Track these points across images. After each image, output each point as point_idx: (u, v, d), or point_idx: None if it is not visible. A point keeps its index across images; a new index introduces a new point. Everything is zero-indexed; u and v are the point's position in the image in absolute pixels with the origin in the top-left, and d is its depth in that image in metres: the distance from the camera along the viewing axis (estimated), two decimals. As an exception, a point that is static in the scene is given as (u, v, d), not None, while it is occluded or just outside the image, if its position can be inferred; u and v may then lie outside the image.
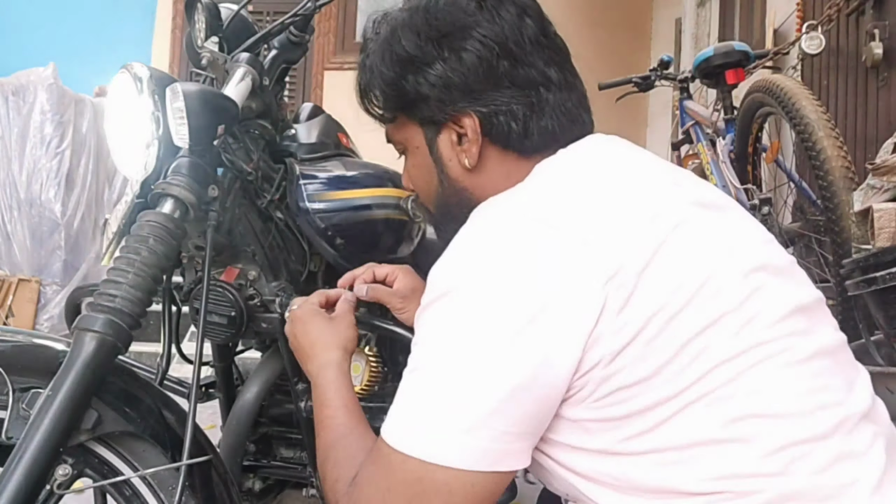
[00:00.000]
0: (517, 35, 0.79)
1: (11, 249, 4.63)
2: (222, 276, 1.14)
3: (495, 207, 0.72)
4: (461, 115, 0.80)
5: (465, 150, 0.81)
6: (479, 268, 0.68)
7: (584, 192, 0.71)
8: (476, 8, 0.79)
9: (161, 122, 0.99)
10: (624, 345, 0.65)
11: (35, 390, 0.85)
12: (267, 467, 1.32)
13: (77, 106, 4.89)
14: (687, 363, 0.65)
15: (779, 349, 0.67)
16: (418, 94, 0.80)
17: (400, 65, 0.81)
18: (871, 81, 2.72)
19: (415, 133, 0.85)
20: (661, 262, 0.66)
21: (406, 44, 0.80)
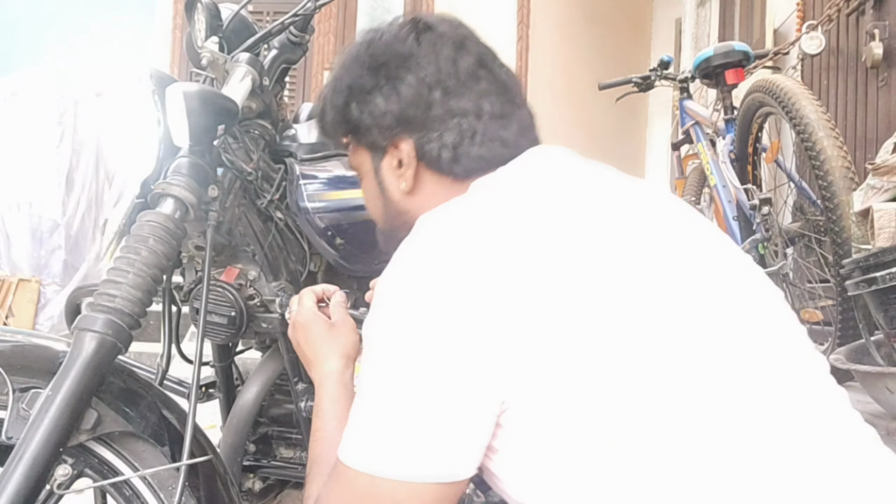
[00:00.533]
0: (451, 68, 0.84)
1: (11, 249, 4.63)
2: (222, 276, 1.14)
3: (434, 222, 0.74)
4: (399, 140, 0.85)
5: (402, 175, 0.86)
6: (415, 287, 0.70)
7: (511, 212, 0.73)
8: (414, 41, 0.85)
9: (161, 122, 0.99)
10: (549, 358, 0.66)
11: (35, 390, 0.85)
12: (267, 467, 1.32)
13: (77, 106, 4.88)
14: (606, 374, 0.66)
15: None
16: (362, 121, 0.87)
17: (346, 93, 0.88)
18: (871, 81, 2.72)
19: (364, 158, 0.91)
20: (577, 280, 0.68)
21: (351, 74, 0.88)
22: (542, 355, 0.66)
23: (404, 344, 0.69)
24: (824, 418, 0.70)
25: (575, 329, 0.66)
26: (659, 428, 0.65)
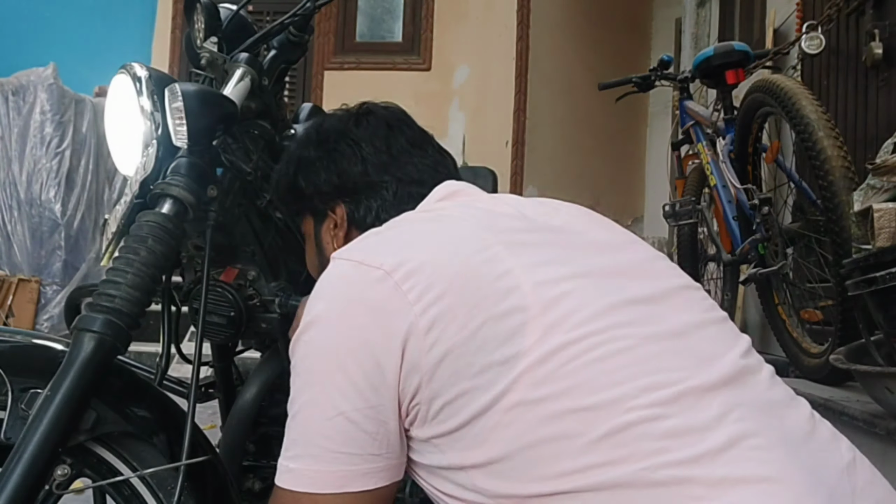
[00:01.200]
0: (384, 146, 0.97)
1: (11, 249, 4.63)
2: (222, 276, 1.14)
3: (341, 253, 0.82)
4: (335, 205, 0.97)
5: (335, 235, 0.97)
6: (323, 310, 0.77)
7: (404, 237, 0.82)
8: (354, 124, 0.99)
9: (160, 122, 0.99)
10: (436, 363, 0.72)
11: (34, 390, 0.85)
12: (267, 467, 1.32)
13: (77, 106, 4.89)
14: (496, 374, 0.70)
15: (592, 345, 0.71)
16: (306, 189, 0.99)
17: (295, 165, 1.01)
18: (871, 81, 2.72)
19: (309, 224, 1.02)
20: (464, 285, 0.73)
21: (301, 149, 1.01)
22: (426, 368, 0.72)
23: (313, 366, 0.76)
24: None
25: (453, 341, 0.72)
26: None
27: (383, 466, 0.75)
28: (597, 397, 0.68)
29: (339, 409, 0.73)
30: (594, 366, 0.70)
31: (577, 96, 5.54)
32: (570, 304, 0.73)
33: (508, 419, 0.69)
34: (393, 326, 0.73)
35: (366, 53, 5.79)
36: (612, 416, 0.67)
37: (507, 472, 0.70)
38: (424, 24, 5.72)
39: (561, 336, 0.71)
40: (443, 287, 0.73)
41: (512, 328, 0.71)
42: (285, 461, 0.76)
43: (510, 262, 0.75)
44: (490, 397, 0.70)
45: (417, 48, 5.74)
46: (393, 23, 5.89)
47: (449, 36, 5.65)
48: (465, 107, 5.62)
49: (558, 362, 0.69)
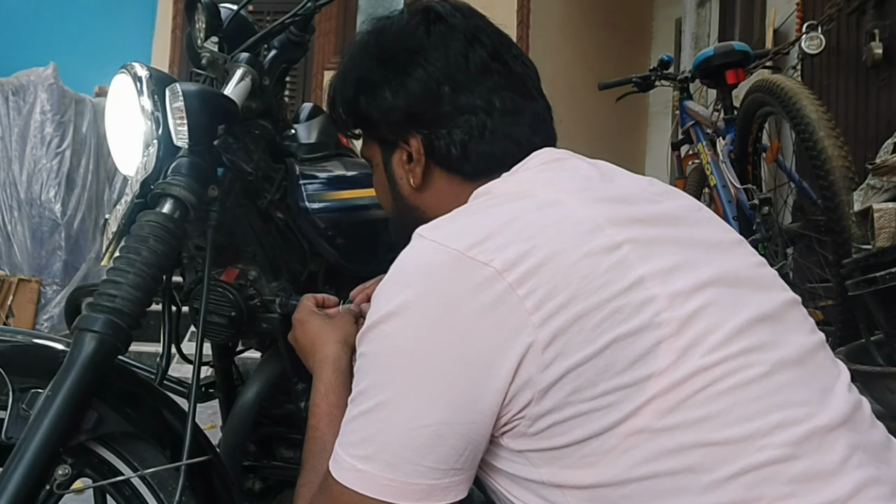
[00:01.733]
0: (462, 63, 0.81)
1: (11, 249, 4.63)
2: (222, 276, 1.14)
3: (431, 234, 0.71)
4: (408, 136, 0.83)
5: (411, 170, 0.84)
6: (411, 303, 0.68)
7: (516, 223, 0.69)
8: (424, 34, 0.83)
9: (161, 122, 0.99)
10: (553, 381, 0.64)
11: (35, 390, 0.84)
12: (267, 467, 1.32)
13: (77, 106, 4.89)
14: (622, 396, 0.63)
15: (726, 372, 0.65)
16: (370, 115, 0.86)
17: (354, 86, 0.87)
18: (872, 81, 2.72)
19: (375, 151, 0.90)
20: (591, 293, 0.65)
21: (359, 66, 0.86)
22: (541, 385, 0.65)
23: (404, 368, 0.68)
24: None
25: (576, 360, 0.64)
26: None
27: (463, 479, 0.69)
28: (729, 432, 0.63)
29: (427, 421, 0.66)
30: (728, 396, 0.64)
31: (577, 96, 5.53)
32: (706, 322, 0.66)
33: (628, 445, 0.63)
34: (505, 340, 0.64)
35: (366, 53, 5.78)
36: (742, 454, 0.62)
37: (614, 499, 0.64)
38: (424, 24, 5.71)
39: (696, 360, 0.64)
40: (567, 294, 0.64)
41: (644, 348, 0.64)
42: (352, 459, 0.68)
43: (642, 267, 0.67)
44: (611, 420, 0.63)
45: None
46: (401, 12, 5.89)
47: (449, 36, 5.64)
48: (465, 107, 5.61)
49: (691, 390, 0.63)
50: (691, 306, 0.66)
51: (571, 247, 0.67)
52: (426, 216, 0.80)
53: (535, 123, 0.84)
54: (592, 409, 0.64)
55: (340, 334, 0.94)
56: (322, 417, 0.87)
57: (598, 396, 0.64)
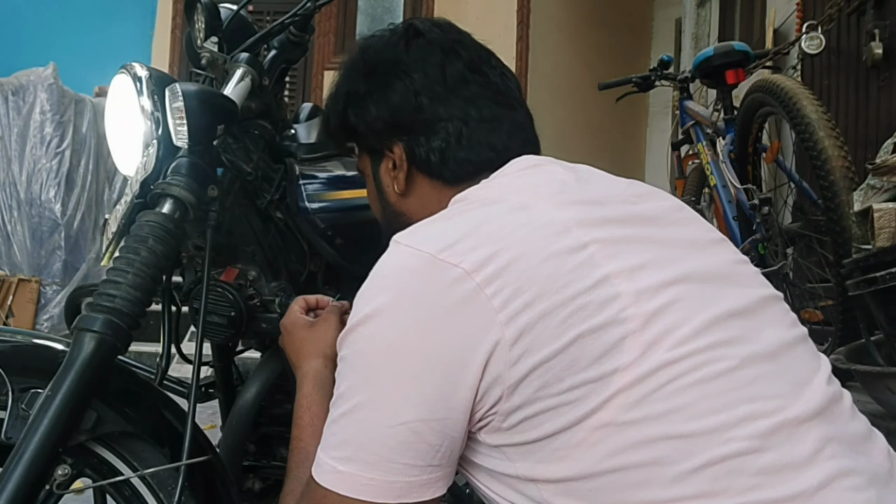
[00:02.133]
0: (439, 74, 0.86)
1: (11, 249, 4.63)
2: (222, 276, 1.14)
3: (406, 240, 0.74)
4: (392, 144, 0.88)
5: (395, 177, 0.88)
6: (386, 305, 0.70)
7: (486, 227, 0.72)
8: (403, 48, 0.88)
9: (161, 122, 0.99)
10: (521, 377, 0.66)
11: (35, 390, 0.85)
12: (267, 467, 1.32)
13: (77, 106, 4.89)
14: (588, 391, 0.65)
15: (693, 365, 0.66)
16: (358, 126, 0.90)
17: (343, 100, 0.92)
18: (872, 81, 2.72)
19: (366, 162, 0.94)
20: (556, 291, 0.67)
21: (347, 81, 0.92)
22: (510, 381, 0.66)
23: (379, 369, 0.70)
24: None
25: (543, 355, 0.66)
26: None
27: (441, 476, 0.71)
28: (695, 425, 0.64)
29: (403, 419, 0.67)
30: (694, 390, 0.65)
31: (577, 96, 5.54)
32: (672, 318, 0.67)
33: (595, 438, 0.65)
34: (474, 338, 0.67)
35: (366, 53, 5.78)
36: (708, 446, 0.63)
37: (584, 492, 0.66)
38: (424, 24, 5.72)
39: (661, 355, 0.65)
40: (532, 293, 0.66)
41: (609, 343, 0.65)
42: (332, 461, 0.70)
43: (608, 266, 0.68)
44: (578, 414, 0.65)
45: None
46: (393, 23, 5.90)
47: (449, 36, 5.64)
48: (465, 107, 5.61)
49: (656, 384, 0.65)
50: (658, 302, 0.68)
51: (538, 248, 0.69)
52: (411, 221, 0.82)
53: (513, 131, 0.87)
54: (560, 403, 0.66)
55: (320, 346, 0.96)
56: (304, 428, 0.89)
57: (565, 391, 0.65)
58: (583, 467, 0.65)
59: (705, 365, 0.66)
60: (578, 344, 0.65)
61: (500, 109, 0.86)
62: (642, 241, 0.73)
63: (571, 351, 0.65)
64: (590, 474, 0.65)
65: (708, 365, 0.66)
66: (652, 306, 0.67)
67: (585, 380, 0.65)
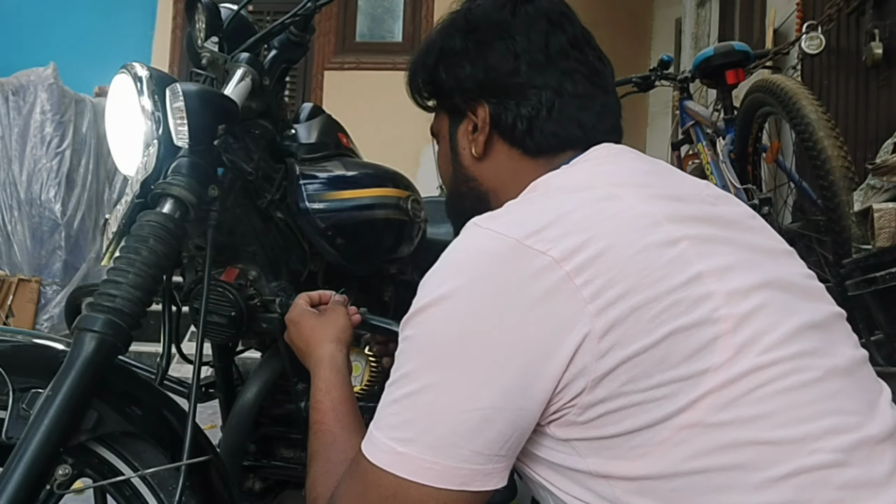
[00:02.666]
0: (541, 42, 0.84)
1: (11, 249, 4.63)
2: (222, 276, 1.14)
3: (488, 224, 0.71)
4: (477, 106, 0.86)
5: (475, 140, 0.86)
6: (464, 288, 0.68)
7: (575, 214, 0.70)
8: (510, 12, 0.86)
9: (161, 122, 0.99)
10: (608, 370, 0.64)
11: (35, 390, 0.84)
12: (267, 467, 1.32)
13: (77, 106, 4.89)
14: (676, 389, 0.64)
15: (781, 373, 0.65)
16: (446, 83, 0.88)
17: (436, 55, 0.89)
18: (871, 81, 2.72)
19: (443, 122, 0.92)
20: (649, 286, 0.65)
21: (444, 36, 0.89)
22: (595, 374, 0.65)
23: (454, 352, 0.67)
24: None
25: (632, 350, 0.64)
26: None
27: (504, 467, 0.69)
28: (782, 432, 0.63)
29: (476, 405, 0.65)
30: (782, 397, 0.64)
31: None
32: (761, 322, 0.66)
33: (680, 438, 0.63)
34: (561, 328, 0.65)
35: (366, 53, 5.79)
36: (795, 455, 0.63)
37: (663, 492, 0.64)
38: (424, 24, 5.72)
39: (752, 359, 0.64)
40: (625, 285, 0.65)
41: (701, 342, 0.64)
42: (391, 441, 0.68)
43: (699, 264, 0.67)
44: (664, 413, 0.64)
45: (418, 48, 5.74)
46: (393, 23, 5.89)
47: (449, 36, 5.65)
48: (464, 107, 5.61)
49: (746, 387, 0.64)
50: (748, 305, 0.67)
51: (630, 240, 0.67)
52: (481, 188, 0.84)
53: (603, 113, 0.86)
54: (646, 399, 0.64)
55: (333, 331, 0.97)
56: (327, 412, 0.88)
57: (652, 388, 0.64)
58: (664, 466, 0.64)
59: (793, 373, 0.65)
60: (670, 341, 0.64)
61: (595, 90, 0.85)
62: (727, 242, 0.72)
63: (662, 347, 0.64)
64: (671, 474, 0.64)
65: (795, 374, 0.65)
66: (743, 309, 0.66)
67: (675, 377, 0.64)
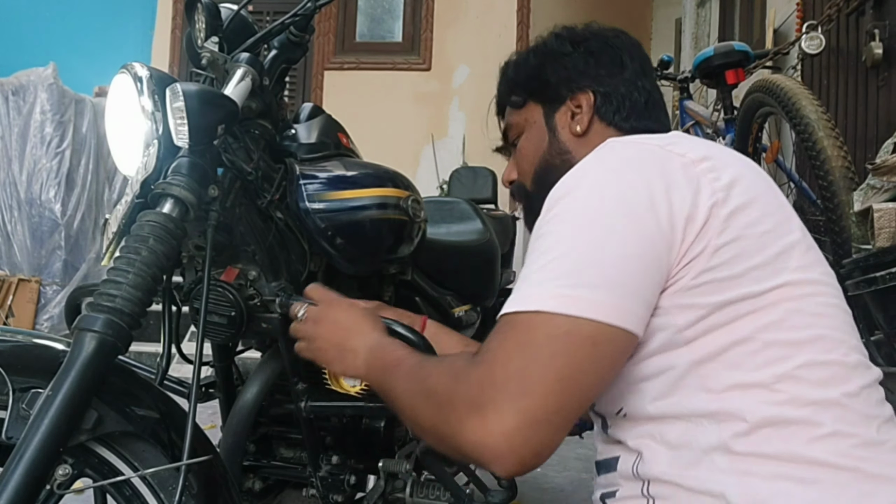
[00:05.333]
0: (638, 59, 1.03)
1: (11, 249, 4.63)
2: (222, 276, 1.14)
3: (622, 140, 0.85)
4: (580, 94, 1.01)
5: (578, 121, 1.00)
6: (605, 170, 0.79)
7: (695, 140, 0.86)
8: (612, 35, 1.06)
9: (161, 122, 0.99)
10: (724, 243, 0.75)
11: (35, 390, 0.84)
12: (267, 467, 1.32)
13: (77, 106, 4.89)
14: (770, 273, 0.76)
15: (823, 290, 0.80)
16: (555, 74, 1.03)
17: (544, 57, 1.05)
18: (871, 81, 2.72)
19: (536, 113, 1.05)
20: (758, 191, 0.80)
21: (552, 46, 1.06)
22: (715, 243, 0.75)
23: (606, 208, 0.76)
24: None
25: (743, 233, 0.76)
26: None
27: (645, 318, 0.75)
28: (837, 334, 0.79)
29: (637, 253, 0.74)
30: (826, 308, 0.79)
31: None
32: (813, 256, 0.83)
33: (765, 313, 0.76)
34: (697, 197, 0.76)
35: (366, 53, 5.79)
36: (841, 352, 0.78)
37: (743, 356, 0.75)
38: (424, 24, 5.72)
39: (809, 271, 0.80)
40: (742, 188, 0.78)
41: (787, 244, 0.79)
42: (557, 288, 0.73)
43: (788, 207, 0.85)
44: (757, 288, 0.76)
45: (417, 48, 5.74)
46: (393, 23, 5.90)
47: (449, 36, 5.66)
48: (465, 107, 5.62)
49: (807, 290, 0.78)
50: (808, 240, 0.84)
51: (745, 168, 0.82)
52: (573, 159, 0.93)
53: (667, 122, 1.04)
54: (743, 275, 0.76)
55: (372, 321, 1.02)
56: (404, 358, 0.90)
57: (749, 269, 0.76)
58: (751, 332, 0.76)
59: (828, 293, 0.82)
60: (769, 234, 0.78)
61: (662, 100, 1.05)
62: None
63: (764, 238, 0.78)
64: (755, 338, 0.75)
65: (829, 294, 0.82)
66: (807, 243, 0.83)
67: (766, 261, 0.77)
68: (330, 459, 1.24)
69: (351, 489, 1.23)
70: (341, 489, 1.22)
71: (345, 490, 1.22)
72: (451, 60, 5.67)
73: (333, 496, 1.22)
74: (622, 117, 0.99)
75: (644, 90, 1.01)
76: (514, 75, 1.09)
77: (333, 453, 1.24)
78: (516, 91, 1.08)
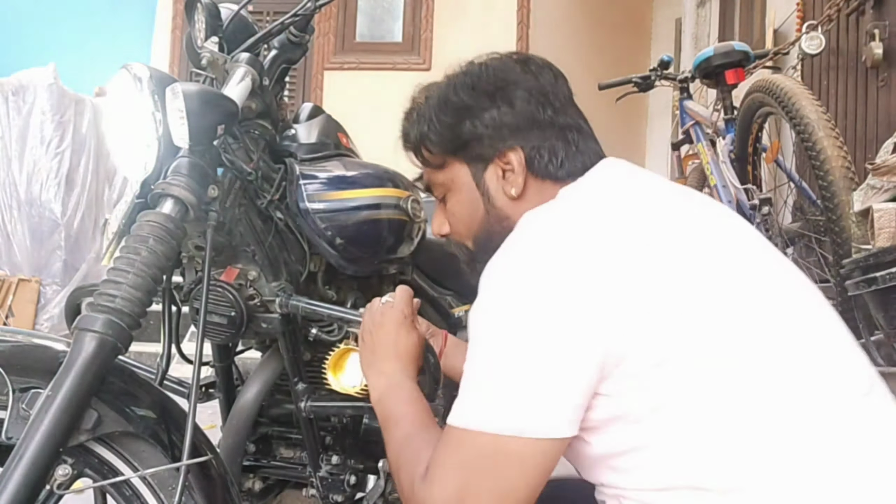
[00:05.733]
0: (554, 89, 0.95)
1: (11, 249, 4.63)
2: (222, 276, 1.14)
3: (539, 218, 0.83)
4: (508, 151, 0.93)
5: (511, 182, 0.93)
6: (526, 268, 0.77)
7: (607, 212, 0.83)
8: (521, 70, 0.96)
9: (161, 122, 0.99)
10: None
11: (35, 390, 0.84)
12: (267, 467, 1.32)
13: (77, 106, 4.89)
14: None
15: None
16: (473, 135, 0.94)
17: (457, 113, 0.95)
18: (871, 81, 2.72)
19: (461, 173, 0.97)
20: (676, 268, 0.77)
21: (463, 96, 0.96)
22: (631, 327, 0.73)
23: (535, 319, 0.74)
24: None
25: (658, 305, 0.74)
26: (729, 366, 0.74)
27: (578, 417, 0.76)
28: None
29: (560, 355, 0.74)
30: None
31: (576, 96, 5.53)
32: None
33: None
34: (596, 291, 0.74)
35: (366, 53, 5.79)
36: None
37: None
38: (424, 24, 5.72)
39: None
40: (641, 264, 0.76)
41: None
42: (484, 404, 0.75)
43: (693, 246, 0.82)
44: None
45: (417, 48, 5.74)
46: (393, 23, 5.89)
47: (449, 36, 5.65)
48: (464, 107, 5.61)
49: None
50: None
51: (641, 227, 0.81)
52: (512, 224, 0.88)
53: (598, 149, 0.97)
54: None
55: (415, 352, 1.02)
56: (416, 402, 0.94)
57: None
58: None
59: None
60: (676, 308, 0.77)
61: (588, 128, 0.97)
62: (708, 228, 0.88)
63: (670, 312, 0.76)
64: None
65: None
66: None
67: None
68: (330, 459, 1.24)
69: (351, 489, 1.23)
70: (341, 489, 1.22)
71: (345, 490, 1.22)
72: (451, 60, 5.63)
73: (333, 496, 1.22)
74: (555, 166, 0.92)
75: (570, 126, 0.94)
76: (426, 132, 0.98)
77: (333, 453, 1.24)
78: (432, 150, 0.98)
